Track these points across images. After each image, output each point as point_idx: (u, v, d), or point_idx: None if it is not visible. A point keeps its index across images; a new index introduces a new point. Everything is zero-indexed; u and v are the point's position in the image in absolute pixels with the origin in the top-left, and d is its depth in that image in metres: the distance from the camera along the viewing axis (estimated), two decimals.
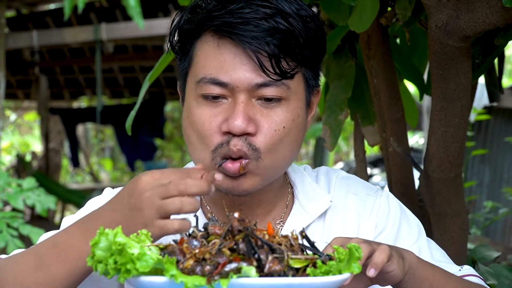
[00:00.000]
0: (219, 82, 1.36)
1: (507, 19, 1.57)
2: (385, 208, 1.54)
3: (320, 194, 1.53)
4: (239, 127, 1.34)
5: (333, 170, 1.62)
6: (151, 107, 10.80)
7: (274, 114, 1.38)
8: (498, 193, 8.27)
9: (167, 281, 1.03)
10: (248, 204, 1.48)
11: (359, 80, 2.22)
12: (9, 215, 2.77)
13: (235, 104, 1.36)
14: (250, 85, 1.35)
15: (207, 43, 1.39)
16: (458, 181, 1.96)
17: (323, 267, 1.09)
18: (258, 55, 1.33)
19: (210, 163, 1.38)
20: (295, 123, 1.41)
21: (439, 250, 1.56)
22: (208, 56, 1.38)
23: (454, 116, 1.83)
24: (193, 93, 1.41)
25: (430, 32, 1.72)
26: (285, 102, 1.38)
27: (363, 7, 1.76)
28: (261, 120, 1.37)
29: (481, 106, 7.32)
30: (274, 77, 1.34)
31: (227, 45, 1.36)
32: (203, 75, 1.38)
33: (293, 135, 1.41)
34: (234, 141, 1.35)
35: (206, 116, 1.38)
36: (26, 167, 10.45)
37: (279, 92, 1.36)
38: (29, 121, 17.61)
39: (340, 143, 15.33)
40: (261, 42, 1.32)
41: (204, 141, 1.39)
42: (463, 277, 1.49)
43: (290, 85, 1.38)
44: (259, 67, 1.33)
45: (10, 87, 10.89)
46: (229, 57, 1.35)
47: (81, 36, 8.30)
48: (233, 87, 1.35)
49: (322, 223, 1.51)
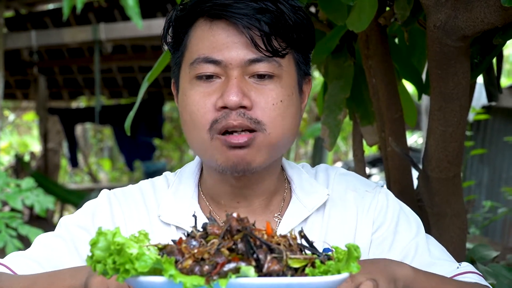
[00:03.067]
0: (212, 60, 1.39)
1: (506, 19, 1.57)
2: (383, 205, 1.55)
3: (317, 188, 1.54)
4: (234, 100, 1.36)
5: (332, 167, 1.63)
6: (150, 107, 10.80)
7: (269, 90, 1.40)
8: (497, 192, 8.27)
9: (166, 281, 1.03)
10: (247, 196, 1.50)
11: (358, 80, 2.22)
12: (8, 215, 2.77)
13: (228, 80, 1.38)
14: (242, 61, 1.38)
15: (199, 28, 1.42)
16: (457, 180, 1.96)
17: (322, 267, 1.09)
18: (250, 32, 1.37)
19: (210, 143, 1.40)
20: (291, 99, 1.43)
21: (438, 247, 1.56)
22: (201, 39, 1.41)
23: (452, 116, 1.83)
24: (187, 77, 1.43)
25: (428, 32, 1.73)
26: (278, 79, 1.41)
27: (361, 7, 1.76)
28: (256, 96, 1.39)
29: (479, 105, 7.32)
30: (266, 53, 1.38)
31: (219, 26, 1.40)
32: (196, 56, 1.41)
33: (292, 112, 1.43)
34: (233, 115, 1.37)
35: (200, 95, 1.40)
36: (25, 167, 10.46)
37: (271, 68, 1.39)
38: (28, 121, 17.61)
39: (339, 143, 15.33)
40: (252, 18, 1.37)
41: (199, 121, 1.40)
42: (461, 274, 1.48)
43: (282, 63, 1.41)
44: (251, 43, 1.37)
45: (9, 87, 10.89)
46: (222, 37, 1.39)
47: (79, 36, 8.30)
48: (226, 64, 1.38)
49: (321, 217, 1.52)
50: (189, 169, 1.58)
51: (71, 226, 1.51)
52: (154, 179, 1.61)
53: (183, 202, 1.52)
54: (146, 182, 1.60)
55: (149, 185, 1.58)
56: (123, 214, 1.52)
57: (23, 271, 1.44)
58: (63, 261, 1.46)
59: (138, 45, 9.60)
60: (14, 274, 1.43)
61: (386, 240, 1.52)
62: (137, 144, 11.07)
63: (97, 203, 1.55)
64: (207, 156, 1.43)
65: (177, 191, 1.54)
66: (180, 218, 1.49)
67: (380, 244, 1.52)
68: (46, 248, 1.49)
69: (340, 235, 1.51)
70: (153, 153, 12.10)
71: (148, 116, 10.82)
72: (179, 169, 1.62)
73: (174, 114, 15.74)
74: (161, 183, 1.58)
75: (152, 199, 1.55)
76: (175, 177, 1.58)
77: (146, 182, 1.60)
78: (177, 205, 1.52)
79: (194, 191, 1.54)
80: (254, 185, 1.49)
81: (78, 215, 1.54)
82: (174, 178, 1.58)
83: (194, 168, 1.58)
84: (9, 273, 1.43)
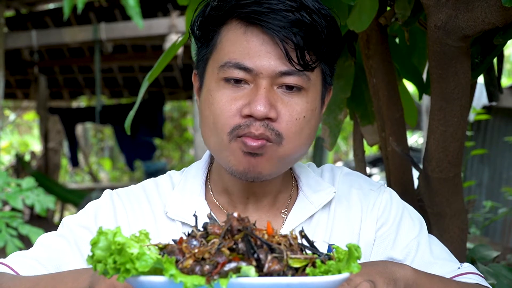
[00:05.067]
0: (243, 67, 1.38)
1: (506, 19, 1.57)
2: (387, 203, 1.56)
3: (324, 186, 1.56)
4: (262, 111, 1.36)
5: (337, 167, 1.65)
6: (151, 106, 10.81)
7: (295, 103, 1.40)
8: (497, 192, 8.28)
9: (166, 281, 1.03)
10: (256, 194, 1.51)
11: (358, 80, 2.22)
12: (8, 214, 2.77)
13: (257, 89, 1.38)
14: (274, 72, 1.38)
15: (233, 30, 1.41)
16: (457, 180, 1.96)
17: (323, 267, 1.09)
18: (285, 44, 1.36)
19: (227, 145, 1.40)
20: (314, 114, 1.44)
21: (440, 247, 1.57)
22: (233, 42, 1.41)
23: (453, 116, 1.83)
24: (215, 77, 1.42)
25: (429, 32, 1.73)
26: (305, 92, 1.41)
27: (362, 6, 1.76)
28: (281, 108, 1.39)
29: (480, 105, 7.33)
30: (298, 67, 1.38)
31: (254, 33, 1.39)
32: (227, 60, 1.40)
33: (311, 125, 1.44)
34: (256, 125, 1.37)
35: (227, 99, 1.40)
36: (25, 167, 10.46)
37: (300, 81, 1.40)
38: (28, 120, 17.62)
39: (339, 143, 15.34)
40: (288, 32, 1.36)
41: (222, 123, 1.40)
42: (462, 275, 1.49)
43: (311, 77, 1.41)
44: (284, 56, 1.37)
45: (9, 86, 10.90)
46: (256, 44, 1.38)
47: (80, 36, 8.30)
48: (256, 73, 1.38)
49: (327, 214, 1.53)
50: (197, 167, 1.59)
51: (73, 226, 1.51)
52: (157, 178, 1.62)
53: (190, 199, 1.53)
54: (149, 181, 1.61)
55: (152, 184, 1.59)
56: (126, 213, 1.53)
57: (25, 271, 1.44)
58: (66, 261, 1.46)
59: (139, 44, 9.60)
60: (16, 274, 1.43)
61: (389, 237, 1.53)
62: (137, 143, 11.07)
63: (99, 203, 1.55)
64: (222, 157, 1.44)
65: (184, 188, 1.55)
66: (187, 214, 1.49)
67: (383, 241, 1.53)
68: (48, 248, 1.49)
69: (345, 233, 1.52)
70: (154, 152, 12.10)
71: (149, 115, 10.82)
72: (185, 168, 1.63)
73: (175, 113, 15.75)
74: (165, 181, 1.59)
75: (156, 197, 1.55)
76: (181, 175, 1.59)
77: (149, 181, 1.61)
78: (184, 201, 1.52)
79: (201, 188, 1.54)
80: (263, 187, 1.51)
81: (80, 215, 1.54)
82: (181, 176, 1.59)
83: (202, 166, 1.59)
84: (11, 274, 1.43)
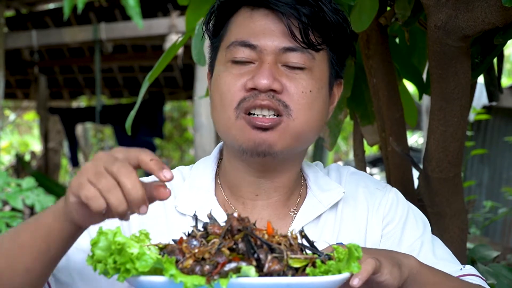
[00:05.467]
0: (248, 44, 1.42)
1: (506, 19, 1.57)
2: (393, 202, 1.57)
3: (333, 185, 1.56)
4: (264, 83, 1.38)
5: (343, 166, 1.65)
6: (151, 107, 10.79)
7: (299, 78, 1.42)
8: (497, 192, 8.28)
9: (166, 281, 1.03)
10: (267, 190, 1.50)
11: (358, 80, 2.22)
12: (8, 214, 2.77)
13: (261, 64, 1.41)
14: (277, 48, 1.41)
15: (241, 15, 1.46)
16: (457, 180, 1.96)
17: (323, 267, 1.09)
18: (289, 20, 1.40)
19: (234, 122, 1.41)
20: (320, 92, 1.45)
21: (443, 248, 1.57)
22: (240, 24, 1.45)
23: (453, 116, 1.83)
24: (223, 59, 1.46)
25: (429, 32, 1.73)
26: (309, 71, 1.43)
27: (362, 6, 1.76)
28: (286, 81, 1.41)
29: (480, 105, 7.33)
30: (301, 44, 1.40)
31: (260, 13, 1.43)
32: (234, 39, 1.44)
33: (320, 103, 1.45)
34: (261, 96, 1.39)
35: (232, 76, 1.43)
36: (25, 167, 10.45)
37: (304, 59, 1.41)
38: (28, 120, 17.61)
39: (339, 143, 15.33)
40: (292, 8, 1.39)
41: (227, 99, 1.42)
42: (464, 276, 1.49)
43: (315, 57, 1.43)
44: (288, 32, 1.40)
45: (9, 86, 10.89)
46: (260, 23, 1.43)
47: (80, 36, 8.30)
48: (261, 49, 1.41)
49: (334, 214, 1.54)
50: (206, 162, 1.59)
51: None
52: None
53: (200, 194, 1.52)
54: None
55: None
56: None
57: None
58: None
59: (139, 44, 9.59)
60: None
61: (395, 236, 1.54)
62: (137, 143, 10.98)
63: None
64: (230, 136, 1.44)
65: (193, 183, 1.54)
66: (197, 209, 1.48)
67: (389, 239, 1.54)
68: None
69: (353, 232, 1.53)
70: (154, 152, 12.08)
71: (149, 115, 10.80)
72: (193, 164, 1.63)
73: (175, 113, 15.74)
74: (175, 175, 1.58)
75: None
76: (190, 170, 1.59)
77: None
78: (193, 197, 1.52)
79: (211, 183, 1.54)
80: (276, 177, 1.50)
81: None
82: (190, 171, 1.59)
83: (212, 161, 1.58)
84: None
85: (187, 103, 14.60)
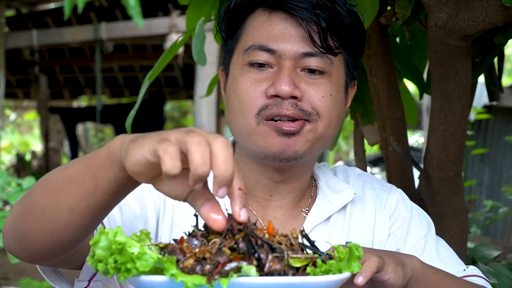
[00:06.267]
0: (267, 49, 1.41)
1: (507, 18, 1.57)
2: (398, 202, 1.59)
3: (343, 186, 1.57)
4: (286, 90, 1.37)
5: (350, 168, 1.67)
6: (151, 106, 10.80)
7: (319, 83, 1.41)
8: (498, 192, 8.28)
9: (167, 281, 1.03)
10: (281, 191, 1.51)
11: (359, 80, 2.21)
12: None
13: (280, 70, 1.40)
14: (296, 53, 1.40)
15: (258, 17, 1.44)
16: (457, 180, 1.97)
17: (323, 266, 1.09)
18: (308, 26, 1.39)
19: (255, 128, 1.40)
20: (338, 96, 1.45)
21: (447, 249, 1.58)
22: (258, 27, 1.43)
23: (453, 115, 1.83)
24: (240, 63, 1.44)
25: (429, 31, 1.72)
26: (328, 76, 1.42)
27: (362, 6, 1.76)
28: (306, 87, 1.40)
29: (481, 105, 7.33)
30: (320, 49, 1.40)
31: (278, 17, 1.42)
32: (252, 43, 1.42)
33: (339, 106, 1.45)
34: (285, 105, 1.38)
35: (252, 81, 1.41)
36: (26, 166, 10.47)
37: (323, 64, 1.41)
38: (29, 120, 17.63)
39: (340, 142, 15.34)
40: (311, 13, 1.38)
41: (248, 105, 1.41)
42: (467, 277, 1.49)
43: (334, 61, 1.43)
44: (308, 38, 1.39)
45: (10, 86, 10.90)
46: (279, 27, 1.41)
47: (80, 36, 8.31)
48: (280, 54, 1.40)
49: (343, 215, 1.54)
50: None
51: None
52: None
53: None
54: None
55: None
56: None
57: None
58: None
59: (139, 44, 9.61)
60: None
61: (400, 234, 1.55)
62: None
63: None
64: (251, 142, 1.43)
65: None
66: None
67: (394, 238, 1.55)
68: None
69: (361, 233, 1.54)
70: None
71: (149, 115, 10.81)
72: None
73: (175, 113, 15.75)
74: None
75: None
76: None
77: None
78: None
79: None
80: (292, 180, 1.50)
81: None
82: None
83: None
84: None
85: (188, 103, 14.61)
